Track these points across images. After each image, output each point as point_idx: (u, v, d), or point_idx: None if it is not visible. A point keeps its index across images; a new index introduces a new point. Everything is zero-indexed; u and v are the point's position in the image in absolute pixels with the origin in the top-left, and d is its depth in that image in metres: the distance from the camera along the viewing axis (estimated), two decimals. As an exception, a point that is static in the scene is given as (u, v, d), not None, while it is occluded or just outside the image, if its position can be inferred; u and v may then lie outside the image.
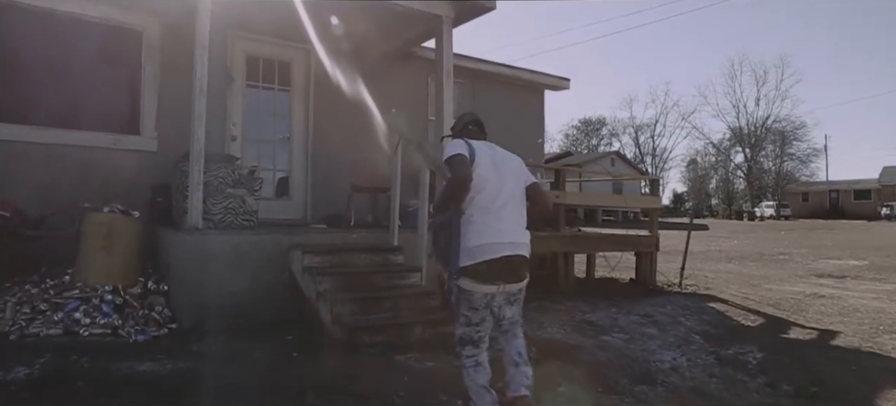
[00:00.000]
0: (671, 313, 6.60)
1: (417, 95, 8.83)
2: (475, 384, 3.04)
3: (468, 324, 3.02)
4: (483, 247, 2.88)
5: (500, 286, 2.94)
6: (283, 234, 5.37)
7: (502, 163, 3.12)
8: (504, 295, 3.00)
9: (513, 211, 3.03)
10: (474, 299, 2.95)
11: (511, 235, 2.98)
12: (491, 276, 2.90)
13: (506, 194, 3.01)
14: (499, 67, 9.51)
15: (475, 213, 2.93)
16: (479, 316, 3.00)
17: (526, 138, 10.02)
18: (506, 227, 2.97)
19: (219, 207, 6.01)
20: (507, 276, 2.95)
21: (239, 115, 7.35)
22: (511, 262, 2.95)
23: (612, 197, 10.88)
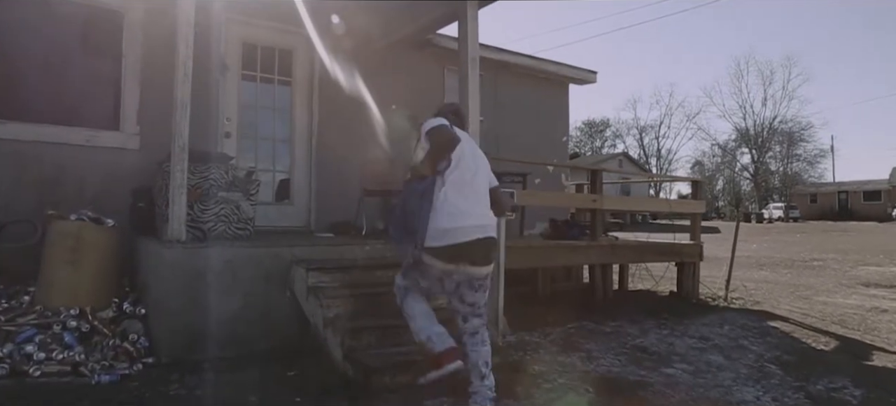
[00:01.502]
0: (730, 335, 5.72)
1: (433, 89, 7.98)
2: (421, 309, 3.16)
3: (415, 285, 3.18)
4: (454, 231, 2.92)
5: (460, 266, 2.98)
6: (283, 245, 4.51)
7: (478, 156, 3.24)
8: (466, 278, 3.04)
9: (484, 200, 3.14)
10: (431, 271, 3.04)
11: (481, 218, 3.05)
12: (455, 258, 2.95)
13: (477, 183, 3.12)
14: (522, 58, 8.66)
15: (450, 192, 2.96)
16: (427, 284, 3.15)
17: (550, 136, 9.20)
18: (478, 211, 3.05)
19: (209, 214, 5.15)
20: (475, 258, 2.99)
21: (234, 108, 6.50)
22: (481, 244, 3.00)
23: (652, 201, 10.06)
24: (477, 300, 3.12)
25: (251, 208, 5.39)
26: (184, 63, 4.23)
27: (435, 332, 3.07)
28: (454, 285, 3.06)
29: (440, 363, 3.00)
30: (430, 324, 3.10)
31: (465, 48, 5.82)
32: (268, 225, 6.44)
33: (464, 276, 3.02)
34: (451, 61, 8.07)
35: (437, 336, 3.05)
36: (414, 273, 3.13)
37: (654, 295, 7.96)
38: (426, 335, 3.08)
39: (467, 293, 3.08)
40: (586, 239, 6.61)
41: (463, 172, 3.03)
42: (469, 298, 3.09)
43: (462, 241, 2.92)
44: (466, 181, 3.04)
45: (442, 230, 2.91)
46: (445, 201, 2.94)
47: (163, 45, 6.01)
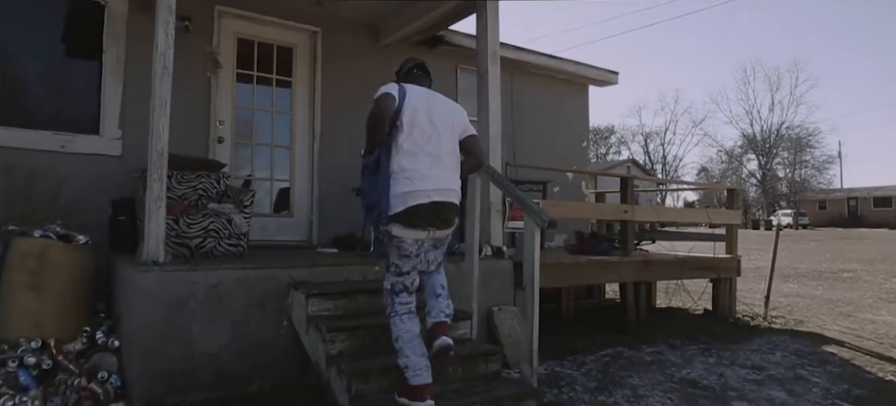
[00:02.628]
0: (786, 364, 5.06)
1: (445, 89, 7.31)
2: (409, 334, 3.00)
3: (399, 273, 3.05)
4: (413, 193, 2.87)
5: (430, 232, 2.97)
6: (279, 266, 3.88)
7: (438, 113, 3.07)
8: (431, 240, 3.05)
9: (445, 160, 3.02)
10: (405, 246, 2.97)
11: (440, 182, 2.97)
12: (421, 222, 2.91)
13: (437, 142, 2.99)
14: (540, 58, 8.04)
15: (403, 159, 2.91)
16: (411, 264, 3.04)
17: (569, 141, 8.55)
18: (436, 174, 2.95)
19: (196, 229, 4.55)
20: (437, 222, 2.97)
21: (228, 110, 5.89)
22: (439, 208, 2.96)
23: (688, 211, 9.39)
24: (439, 257, 3.20)
25: (245, 222, 4.78)
26: (163, 54, 3.61)
27: (414, 364, 2.96)
28: (425, 253, 3.08)
29: (415, 396, 2.95)
30: (413, 352, 2.97)
31: (485, 43, 5.21)
32: (265, 239, 5.83)
33: (430, 240, 3.05)
34: (464, 60, 7.47)
35: (416, 369, 2.95)
36: (394, 258, 3.04)
37: (686, 313, 7.30)
38: (406, 362, 2.98)
39: (431, 253, 3.13)
40: (617, 254, 5.98)
41: (417, 137, 2.94)
42: (432, 257, 3.14)
43: (420, 202, 2.89)
44: (420, 146, 2.95)
45: (400, 195, 2.88)
46: (401, 169, 2.90)
47: (149, 41, 5.42)
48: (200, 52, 5.67)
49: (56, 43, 5.27)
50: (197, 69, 5.66)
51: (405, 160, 2.92)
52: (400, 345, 3.00)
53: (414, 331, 3.02)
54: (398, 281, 3.07)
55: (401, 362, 2.98)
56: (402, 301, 3.07)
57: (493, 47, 5.20)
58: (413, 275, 3.08)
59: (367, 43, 6.70)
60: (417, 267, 3.08)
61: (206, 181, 5.14)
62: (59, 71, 5.26)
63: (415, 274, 3.08)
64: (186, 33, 5.58)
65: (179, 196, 5.01)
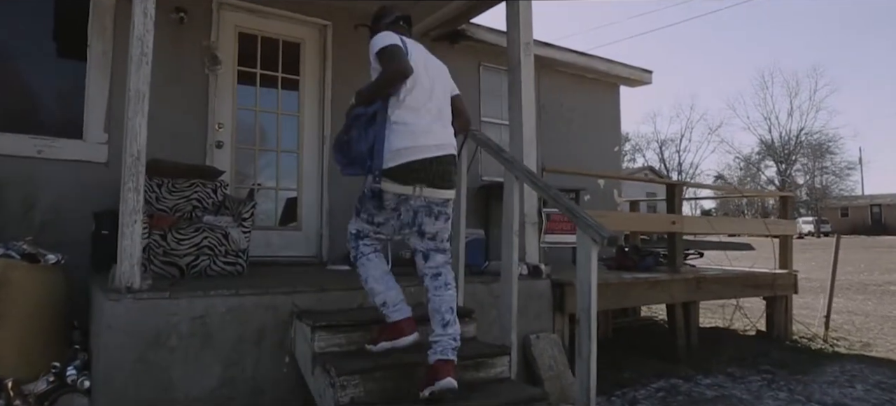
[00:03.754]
0: (871, 399, 4.34)
1: (467, 88, 6.69)
2: (378, 270, 2.85)
3: (369, 221, 2.85)
4: (413, 148, 2.67)
5: (417, 188, 2.70)
6: (281, 290, 3.25)
7: (433, 69, 2.90)
8: (424, 204, 2.75)
9: (442, 116, 2.87)
10: (385, 198, 2.74)
11: (441, 137, 2.80)
12: (411, 178, 2.68)
13: (435, 99, 2.83)
14: (569, 55, 7.39)
15: (405, 113, 2.71)
16: (384, 216, 2.82)
17: (600, 145, 7.89)
18: (437, 128, 2.79)
19: (187, 246, 3.95)
20: (433, 178, 2.72)
21: (228, 112, 5.30)
22: (440, 162, 2.74)
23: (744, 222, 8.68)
24: (438, 230, 2.83)
25: (245, 237, 4.17)
26: (141, 38, 3.02)
27: (391, 298, 2.81)
28: (411, 215, 2.77)
29: (395, 333, 2.78)
30: (386, 287, 2.81)
31: (516, 32, 4.58)
32: (269, 256, 5.22)
33: (421, 201, 2.75)
34: (487, 57, 6.85)
35: (395, 303, 2.81)
36: (369, 206, 2.82)
37: (736, 335, 6.58)
38: (382, 299, 2.81)
39: (427, 222, 2.79)
40: (665, 270, 5.29)
41: (419, 94, 2.74)
42: (429, 228, 2.80)
43: (419, 158, 2.68)
44: (423, 102, 2.76)
45: (396, 150, 2.66)
46: (401, 122, 2.69)
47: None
48: (197, 46, 5.10)
49: (34, 35, 4.72)
50: (193, 66, 5.09)
51: (408, 115, 2.71)
52: (371, 284, 2.83)
53: (383, 267, 2.87)
54: (366, 229, 2.87)
55: (376, 301, 2.83)
56: (366, 243, 2.88)
57: (525, 37, 4.57)
58: (384, 230, 2.87)
59: (382, 38, 6.09)
60: (390, 224, 2.84)
61: (202, 190, 4.56)
62: (37, 67, 4.71)
63: (386, 232, 2.88)
64: (181, 25, 5.03)
65: (170, 207, 4.43)
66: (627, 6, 74.60)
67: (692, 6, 73.64)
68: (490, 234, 6.39)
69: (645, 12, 67.81)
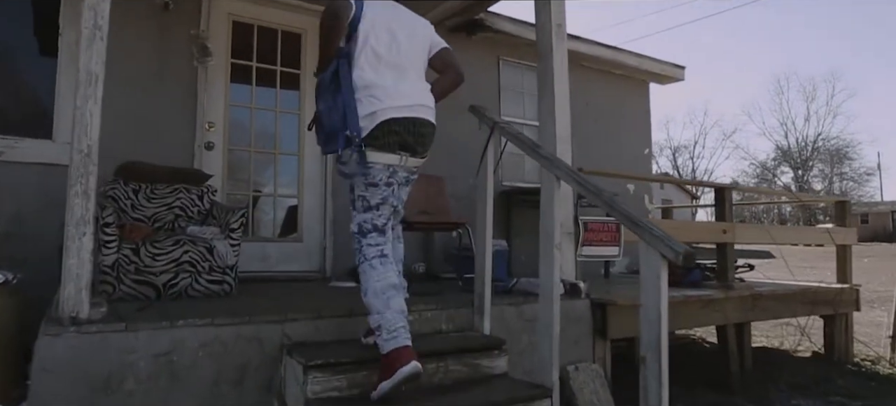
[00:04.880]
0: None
1: (485, 83, 6.13)
2: (383, 283, 2.40)
3: (367, 208, 2.53)
4: (381, 111, 2.42)
5: (403, 157, 2.50)
6: (268, 318, 2.64)
7: (399, 23, 2.58)
8: (405, 171, 2.59)
9: (411, 74, 2.59)
10: (373, 173, 2.47)
11: (410, 97, 2.52)
12: (391, 143, 2.45)
13: (397, 55, 2.54)
14: (596, 48, 6.77)
15: (365, 73, 2.45)
16: (380, 195, 2.52)
17: (629, 146, 7.25)
18: (404, 89, 2.52)
19: (164, 261, 3.37)
20: (411, 142, 2.51)
21: (219, 109, 4.72)
22: (414, 124, 2.50)
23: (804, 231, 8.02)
24: (404, 197, 2.71)
25: (233, 251, 3.58)
26: (93, 6, 2.42)
27: (388, 322, 2.33)
28: (396, 187, 2.58)
29: (389, 369, 2.27)
30: (385, 306, 2.36)
31: (548, 13, 3.97)
32: (266, 271, 4.64)
33: (404, 171, 2.60)
34: (507, 50, 6.26)
35: (391, 328, 2.32)
36: (360, 190, 2.53)
37: (790, 356, 5.89)
38: (376, 322, 2.36)
39: (403, 191, 2.68)
40: (716, 285, 4.63)
41: (375, 46, 2.49)
42: (404, 196, 2.71)
43: (393, 116, 2.43)
44: (380, 55, 2.50)
45: (367, 116, 2.42)
46: (364, 86, 2.45)
47: (120, 21, 4.31)
48: (184, 36, 4.54)
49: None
50: (180, 58, 4.53)
51: (366, 75, 2.45)
52: (368, 298, 2.40)
53: (388, 279, 2.42)
54: (367, 218, 2.53)
55: (371, 322, 2.40)
56: (371, 242, 2.50)
57: (557, 18, 3.96)
58: (384, 211, 2.54)
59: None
60: (388, 200, 2.54)
61: (186, 197, 3.98)
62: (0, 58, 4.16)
63: (386, 210, 2.55)
64: (166, 13, 4.48)
65: (149, 217, 3.85)
66: (629, 7, 73.80)
67: (697, 7, 72.74)
68: (512, 244, 5.78)
69: (650, 12, 66.97)
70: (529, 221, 6.07)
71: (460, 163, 5.56)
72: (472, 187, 5.78)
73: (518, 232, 5.97)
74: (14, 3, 4.27)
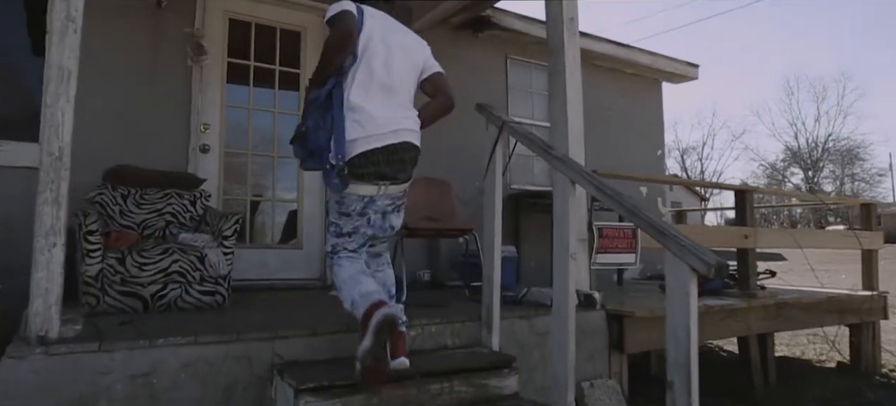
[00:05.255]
0: None
1: (491, 84, 5.92)
2: (353, 271, 2.44)
3: (339, 234, 2.51)
4: (363, 139, 2.32)
5: (382, 187, 2.41)
6: (258, 336, 2.43)
7: (395, 40, 2.50)
8: (388, 199, 2.49)
9: (401, 97, 2.50)
10: (347, 203, 2.44)
11: (395, 124, 2.42)
12: (369, 174, 2.35)
13: (390, 74, 2.44)
14: (607, 46, 6.54)
15: (354, 94, 2.35)
16: (352, 225, 2.48)
17: (641, 148, 7.00)
18: (388, 114, 2.41)
19: (152, 271, 3.18)
20: (389, 172, 2.39)
21: (215, 110, 4.53)
22: (395, 151, 2.39)
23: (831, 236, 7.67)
24: (396, 223, 2.59)
25: (226, 260, 3.38)
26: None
27: (359, 293, 2.32)
28: (381, 217, 2.50)
29: (367, 321, 2.16)
30: (356, 284, 2.38)
31: (558, 6, 3.75)
32: (265, 279, 4.44)
33: (388, 199, 2.49)
34: (515, 48, 6.04)
35: (362, 296, 2.29)
36: (333, 217, 2.53)
37: (813, 367, 5.62)
38: (350, 300, 2.35)
39: (395, 218, 2.57)
40: (737, 293, 4.38)
41: (371, 62, 2.39)
42: (396, 223, 2.59)
43: (373, 147, 2.32)
44: (374, 73, 2.40)
45: (351, 141, 2.31)
46: (351, 109, 2.34)
47: (114, 17, 4.14)
48: (177, 34, 4.36)
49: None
50: (173, 57, 4.34)
51: (355, 96, 2.36)
52: (343, 291, 2.39)
53: (357, 267, 2.47)
54: (339, 243, 2.52)
55: (346, 306, 2.36)
56: (344, 256, 2.51)
57: (569, 11, 3.74)
58: (356, 239, 2.51)
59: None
60: (360, 229, 2.49)
61: (177, 202, 3.79)
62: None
63: (358, 238, 2.51)
64: (159, 9, 4.29)
65: (138, 223, 3.66)
66: (634, 7, 73.38)
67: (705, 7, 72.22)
68: (521, 250, 5.56)
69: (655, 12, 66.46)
70: (539, 226, 5.87)
71: (467, 165, 5.35)
72: (479, 191, 5.58)
73: (527, 237, 5.74)
74: (5, 2, 4.10)
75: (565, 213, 2.53)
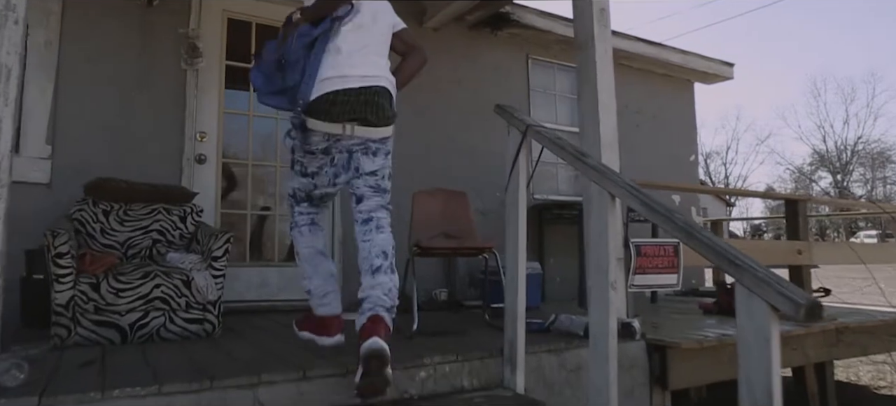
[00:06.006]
0: None
1: (512, 85, 5.52)
2: (310, 249, 2.49)
3: (303, 172, 2.46)
4: (336, 78, 2.26)
5: (347, 127, 2.28)
6: (236, 382, 2.05)
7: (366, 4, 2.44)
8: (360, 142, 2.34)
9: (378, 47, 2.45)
10: (312, 139, 2.33)
11: (368, 67, 2.34)
12: (337, 112, 2.26)
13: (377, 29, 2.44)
14: (636, 44, 6.11)
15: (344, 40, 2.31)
16: (317, 163, 2.42)
17: (673, 153, 6.54)
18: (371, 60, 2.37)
19: (130, 297, 2.83)
20: (365, 113, 2.28)
21: (213, 118, 4.19)
22: (368, 93, 2.29)
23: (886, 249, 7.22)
24: (379, 167, 2.38)
25: (215, 284, 3.02)
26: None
27: (316, 287, 2.44)
28: (346, 156, 2.36)
29: (319, 328, 2.45)
30: (316, 272, 2.46)
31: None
32: (266, 300, 4.09)
33: (356, 140, 2.32)
34: (536, 48, 5.64)
35: (321, 294, 2.44)
36: (297, 155, 2.43)
37: (870, 392, 5.10)
38: (307, 285, 2.48)
39: (364, 160, 2.35)
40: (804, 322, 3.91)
41: (363, 15, 2.38)
42: (368, 166, 2.36)
43: (345, 87, 2.25)
44: (365, 25, 2.37)
45: (322, 79, 2.25)
46: (334, 51, 2.29)
47: (97, 20, 3.82)
48: (171, 35, 4.03)
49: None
50: (165, 60, 4.02)
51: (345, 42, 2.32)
52: (300, 263, 2.51)
53: (316, 245, 2.53)
54: (302, 184, 2.49)
55: (304, 286, 2.52)
56: (302, 211, 2.54)
57: (600, 1, 3.32)
58: (320, 181, 2.46)
59: (409, 26, 4.92)
60: (325, 172, 2.43)
61: (165, 218, 3.44)
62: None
63: (323, 178, 2.45)
64: (150, 8, 3.96)
65: (122, 242, 3.32)
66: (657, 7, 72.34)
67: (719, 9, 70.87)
68: (545, 264, 5.14)
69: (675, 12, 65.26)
70: (565, 238, 5.44)
71: (485, 173, 4.95)
72: (499, 201, 5.17)
73: (552, 250, 5.32)
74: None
75: (603, 232, 2.10)
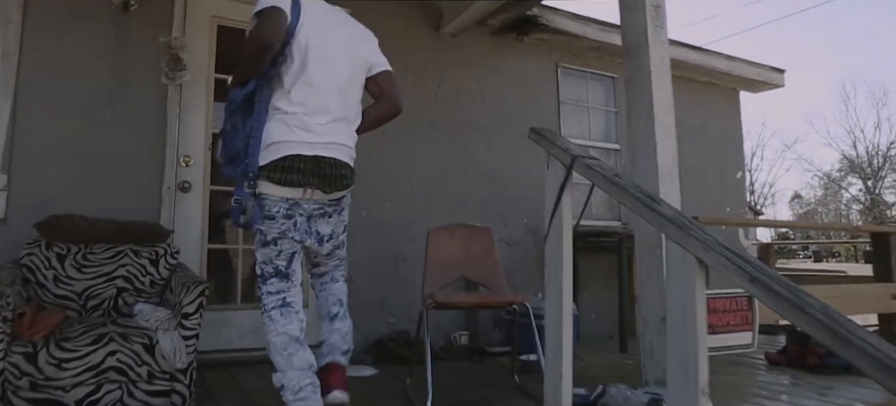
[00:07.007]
0: None
1: (540, 95, 4.92)
2: (284, 338, 2.16)
3: (264, 243, 2.21)
4: (288, 143, 2.11)
5: (307, 191, 2.18)
6: None
7: (336, 40, 2.25)
8: (314, 203, 2.23)
9: (338, 105, 2.22)
10: (270, 204, 2.15)
11: (328, 136, 2.18)
12: (293, 178, 2.11)
13: (333, 82, 2.21)
14: (678, 49, 5.44)
15: (283, 100, 2.13)
16: (278, 228, 2.18)
17: (718, 168, 5.90)
18: (324, 128, 2.17)
19: (77, 367, 2.30)
20: (323, 182, 2.17)
21: (199, 139, 3.65)
22: (322, 164, 2.15)
23: None
24: (334, 227, 2.31)
25: (184, 346, 2.48)
26: None
27: (291, 382, 2.10)
28: (306, 221, 2.22)
29: None
30: (288, 364, 2.12)
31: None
32: (259, 348, 3.49)
33: (314, 204, 2.22)
34: (567, 56, 5.05)
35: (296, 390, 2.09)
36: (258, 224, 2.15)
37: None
38: (280, 381, 2.12)
39: (321, 223, 2.26)
40: (883, 376, 3.26)
41: (305, 64, 2.13)
42: (324, 229, 2.28)
43: (302, 153, 2.10)
44: (310, 83, 2.13)
45: (275, 143, 2.10)
46: (277, 112, 2.13)
47: (61, 29, 3.31)
48: (150, 45, 3.50)
49: None
50: (143, 73, 3.49)
51: (284, 102, 2.12)
52: (271, 354, 2.15)
53: (289, 331, 2.15)
54: (266, 257, 2.19)
55: (275, 381, 2.13)
56: (271, 290, 2.19)
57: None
58: (284, 247, 2.17)
59: (423, 32, 4.36)
60: (288, 234, 2.16)
61: (133, 263, 2.91)
62: None
63: (287, 245, 2.17)
64: (126, 14, 3.46)
65: (79, 293, 2.79)
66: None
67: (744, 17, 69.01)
68: (579, 298, 4.53)
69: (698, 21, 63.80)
70: (601, 270, 4.81)
71: (512, 198, 4.38)
72: (527, 229, 4.56)
73: (587, 284, 4.71)
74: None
75: (688, 312, 1.51)
